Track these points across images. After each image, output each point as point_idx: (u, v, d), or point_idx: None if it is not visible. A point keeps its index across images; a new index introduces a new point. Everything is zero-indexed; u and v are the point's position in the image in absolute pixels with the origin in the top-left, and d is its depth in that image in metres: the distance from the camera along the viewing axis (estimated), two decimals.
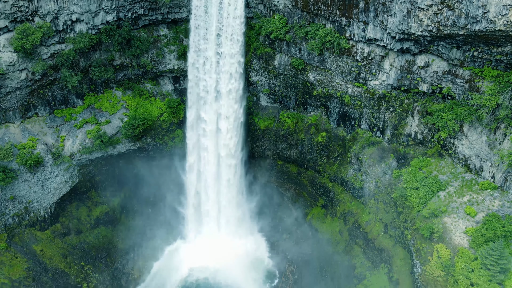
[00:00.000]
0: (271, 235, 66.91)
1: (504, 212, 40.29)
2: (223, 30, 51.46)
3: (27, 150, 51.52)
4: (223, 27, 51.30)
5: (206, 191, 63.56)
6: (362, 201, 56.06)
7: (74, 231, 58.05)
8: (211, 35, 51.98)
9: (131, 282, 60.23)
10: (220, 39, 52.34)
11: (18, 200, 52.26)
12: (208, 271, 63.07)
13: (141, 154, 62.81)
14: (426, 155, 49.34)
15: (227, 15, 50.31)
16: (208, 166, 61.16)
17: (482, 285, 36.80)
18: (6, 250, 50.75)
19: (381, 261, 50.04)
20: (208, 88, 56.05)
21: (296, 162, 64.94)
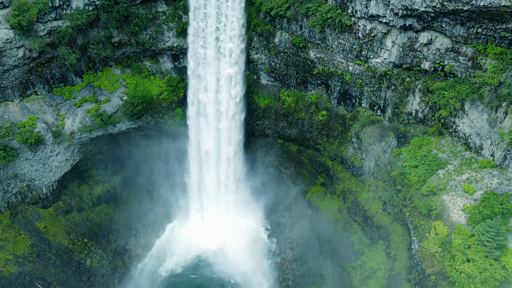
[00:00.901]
0: (271, 213, 67.73)
1: (502, 190, 40.62)
2: (223, 6, 50.47)
3: (27, 128, 51.50)
4: (222, 3, 50.32)
5: (207, 170, 63.95)
6: (362, 179, 56.47)
7: (76, 209, 58.80)
8: (211, 10, 50.95)
9: (133, 258, 61.39)
10: (220, 16, 51.41)
11: (20, 178, 52.67)
12: (208, 248, 64.16)
13: (141, 132, 62.85)
14: (426, 134, 49.36)
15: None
16: (209, 144, 61.31)
17: (478, 261, 37.48)
18: (10, 227, 51.50)
19: (379, 238, 50.84)
20: (209, 69, 55.55)
21: (296, 140, 65.03)
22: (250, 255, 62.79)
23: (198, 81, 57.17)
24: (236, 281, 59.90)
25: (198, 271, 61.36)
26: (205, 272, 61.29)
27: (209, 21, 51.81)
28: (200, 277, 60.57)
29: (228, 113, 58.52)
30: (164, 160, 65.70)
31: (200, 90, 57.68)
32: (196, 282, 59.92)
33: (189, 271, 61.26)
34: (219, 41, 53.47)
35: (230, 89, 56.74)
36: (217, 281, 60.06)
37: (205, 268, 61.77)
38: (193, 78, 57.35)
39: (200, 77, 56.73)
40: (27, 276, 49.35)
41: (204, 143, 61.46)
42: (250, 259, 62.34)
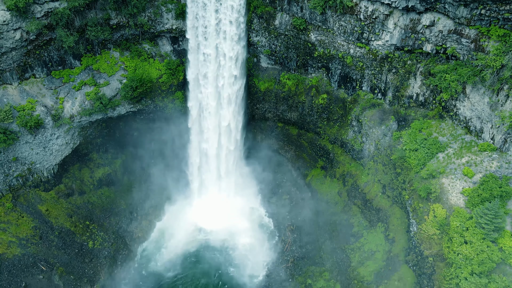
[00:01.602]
0: (271, 195, 68.19)
1: (502, 173, 40.78)
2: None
3: (26, 112, 51.33)
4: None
5: (207, 153, 64.07)
6: (361, 162, 56.64)
7: (77, 192, 59.18)
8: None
9: (135, 240, 62.12)
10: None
11: (20, 162, 52.82)
12: (209, 230, 64.85)
13: (141, 116, 62.66)
14: (426, 117, 49.25)
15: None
16: (209, 126, 61.24)
17: (475, 243, 37.94)
18: (12, 210, 51.94)
19: (378, 221, 51.34)
20: (209, 51, 54.98)
21: (296, 124, 64.93)
22: (250, 237, 63.51)
23: (198, 62, 56.71)
24: (236, 262, 60.76)
25: (198, 253, 62.19)
26: (206, 253, 62.11)
27: (207, 3, 51.04)
28: (200, 258, 61.40)
29: (229, 90, 58.06)
30: (165, 143, 65.75)
31: (200, 71, 57.21)
32: (196, 263, 60.75)
33: (189, 252, 62.08)
34: (219, 24, 52.73)
35: (231, 70, 56.25)
36: (218, 261, 60.91)
37: (206, 250, 62.57)
38: (193, 57, 56.94)
39: (199, 57, 56.24)
40: (30, 257, 50.03)
41: (205, 125, 61.41)
42: (250, 241, 63.08)
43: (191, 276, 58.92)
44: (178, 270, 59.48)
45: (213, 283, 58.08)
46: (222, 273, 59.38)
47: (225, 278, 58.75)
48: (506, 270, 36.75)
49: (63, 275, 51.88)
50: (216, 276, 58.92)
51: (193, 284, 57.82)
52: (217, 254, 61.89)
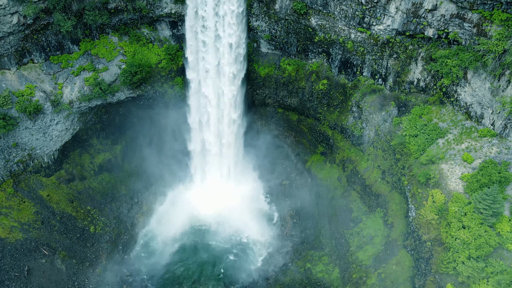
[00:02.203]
0: (271, 181, 68.53)
1: (501, 159, 40.87)
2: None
3: (25, 97, 51.14)
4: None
5: (207, 139, 64.08)
6: (361, 148, 56.73)
7: (78, 177, 59.43)
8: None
9: (135, 225, 62.68)
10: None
11: (21, 147, 52.88)
12: (209, 216, 65.35)
13: (141, 102, 62.44)
14: (427, 103, 49.10)
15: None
16: (209, 112, 61.07)
17: (473, 228, 38.27)
18: (13, 195, 52.25)
19: (377, 206, 51.71)
20: (208, 33, 54.34)
21: (297, 110, 64.77)
22: (251, 222, 64.08)
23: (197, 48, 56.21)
24: (236, 247, 61.44)
25: (199, 237, 62.82)
26: (206, 238, 62.76)
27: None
28: (200, 243, 62.05)
29: (229, 72, 57.57)
30: (165, 129, 65.72)
31: (199, 56, 56.71)
32: (196, 248, 61.44)
33: (190, 238, 62.73)
34: (218, 6, 52.06)
35: (231, 53, 55.71)
36: (218, 247, 61.59)
37: (206, 235, 63.21)
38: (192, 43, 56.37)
39: (199, 45, 55.72)
40: (33, 242, 50.58)
41: (205, 112, 61.23)
42: (250, 225, 63.67)
43: (191, 261, 59.66)
44: (179, 255, 60.20)
45: (213, 267, 58.84)
46: (221, 258, 60.13)
47: (225, 263, 59.51)
48: (503, 255, 37.17)
49: (65, 259, 52.55)
50: (216, 261, 59.66)
51: (193, 268, 58.59)
52: (217, 239, 62.52)
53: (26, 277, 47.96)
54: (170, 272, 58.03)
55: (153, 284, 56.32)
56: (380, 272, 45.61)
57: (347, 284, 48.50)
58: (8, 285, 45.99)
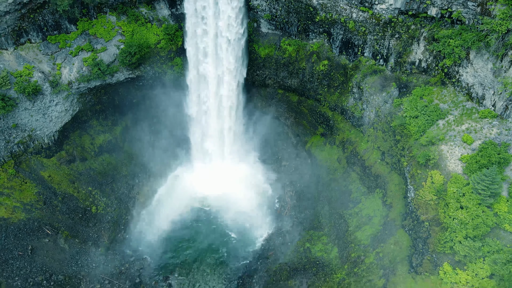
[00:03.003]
0: (271, 162, 68.81)
1: (501, 140, 40.91)
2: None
3: (24, 78, 50.76)
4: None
5: (207, 120, 63.96)
6: (361, 129, 56.71)
7: (79, 158, 59.64)
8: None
9: (137, 205, 63.29)
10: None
11: (21, 128, 52.84)
12: (210, 196, 65.90)
13: (140, 83, 62.03)
14: (428, 84, 48.79)
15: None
16: (209, 93, 60.75)
17: (471, 208, 38.68)
18: (15, 176, 52.55)
19: (376, 187, 52.08)
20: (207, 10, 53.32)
21: (297, 91, 64.42)
22: (251, 203, 64.66)
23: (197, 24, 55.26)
24: (236, 227, 62.20)
25: (199, 218, 63.53)
26: (207, 219, 63.47)
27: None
28: (201, 224, 62.79)
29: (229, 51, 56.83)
30: (165, 111, 65.51)
31: (198, 33, 55.86)
32: (197, 228, 62.21)
33: (191, 218, 63.45)
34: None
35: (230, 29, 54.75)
36: (218, 227, 62.36)
37: (206, 215, 63.90)
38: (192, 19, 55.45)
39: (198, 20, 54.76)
40: (35, 222, 51.18)
41: (205, 92, 60.85)
42: (250, 206, 64.28)
43: (192, 241, 60.50)
44: (179, 236, 61.01)
45: (214, 248, 59.71)
46: (222, 238, 60.95)
47: (225, 243, 60.36)
48: (500, 234, 37.71)
49: (68, 239, 53.32)
50: (216, 241, 60.48)
51: (193, 249, 59.45)
52: (218, 220, 63.24)
53: (30, 256, 48.77)
54: (171, 251, 58.93)
55: (154, 264, 57.28)
56: (378, 251, 46.35)
57: (345, 263, 49.35)
58: (12, 263, 46.81)
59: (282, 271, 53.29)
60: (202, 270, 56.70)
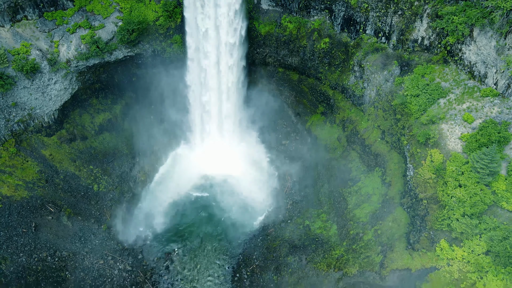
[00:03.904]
0: (271, 141, 68.92)
1: (502, 119, 40.86)
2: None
3: (21, 55, 50.22)
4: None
5: (207, 98, 63.62)
6: (362, 108, 56.55)
7: (79, 137, 59.73)
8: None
9: (138, 184, 63.84)
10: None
11: (20, 107, 52.69)
12: (210, 175, 66.36)
13: (139, 61, 61.41)
14: (430, 62, 48.29)
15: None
16: (209, 71, 60.20)
17: (469, 186, 39.04)
18: (16, 154, 52.79)
19: (376, 165, 52.39)
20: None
21: (297, 69, 63.84)
22: (251, 181, 65.18)
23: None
24: (237, 206, 62.93)
25: (200, 196, 64.18)
26: (207, 197, 64.14)
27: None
28: (202, 202, 63.50)
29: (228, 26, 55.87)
30: (164, 89, 65.13)
31: (197, 7, 54.77)
32: (198, 207, 62.95)
33: (191, 196, 64.09)
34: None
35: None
36: (219, 205, 63.10)
37: (207, 194, 64.53)
38: None
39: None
40: (38, 200, 51.77)
41: (205, 70, 60.28)
42: (251, 184, 64.82)
43: (193, 218, 61.32)
44: (180, 214, 61.79)
45: (214, 225, 60.59)
46: (223, 216, 61.76)
47: (226, 220, 61.20)
48: (497, 212, 38.20)
49: (71, 216, 54.07)
50: (217, 219, 61.31)
51: (194, 226, 60.34)
52: (218, 198, 63.89)
53: (34, 233, 49.58)
54: (172, 229, 59.84)
55: (156, 241, 58.27)
56: (377, 228, 47.09)
57: (344, 240, 50.22)
58: (16, 240, 47.65)
59: (282, 247, 54.32)
60: (203, 247, 57.74)
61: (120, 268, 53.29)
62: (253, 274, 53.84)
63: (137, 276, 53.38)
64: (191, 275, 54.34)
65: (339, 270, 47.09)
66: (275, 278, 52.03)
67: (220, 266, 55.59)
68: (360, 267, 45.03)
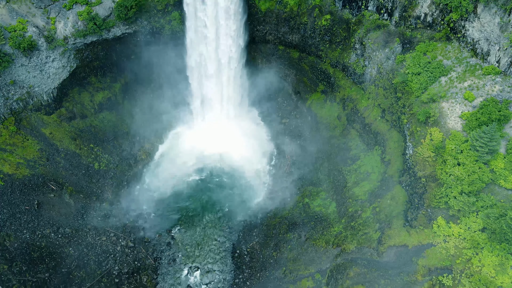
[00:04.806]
0: (271, 119, 68.84)
1: (503, 97, 40.66)
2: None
3: (18, 33, 49.50)
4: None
5: (207, 77, 63.11)
6: (362, 87, 56.18)
7: (79, 116, 59.60)
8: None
9: (139, 162, 64.17)
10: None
11: (19, 85, 52.35)
12: (211, 153, 66.59)
13: (137, 38, 60.54)
14: (433, 39, 47.64)
15: None
16: (208, 49, 59.45)
17: (468, 165, 39.25)
18: (16, 133, 52.82)
19: (375, 144, 52.50)
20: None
21: (298, 47, 63.04)
22: (251, 159, 65.51)
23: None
24: (237, 183, 63.46)
25: (201, 173, 64.64)
26: (208, 175, 64.59)
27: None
28: (202, 180, 63.98)
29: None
30: (163, 66, 64.50)
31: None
32: (199, 184, 63.47)
33: (192, 174, 64.54)
34: None
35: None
36: (219, 184, 63.62)
37: (207, 171, 64.96)
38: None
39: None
40: (40, 178, 52.15)
41: (205, 48, 59.53)
42: (251, 163, 65.18)
43: (193, 196, 61.93)
44: (181, 192, 62.37)
45: (215, 203, 61.26)
46: (223, 193, 62.37)
47: (226, 198, 61.84)
48: (494, 190, 38.56)
49: (73, 194, 54.61)
50: (217, 197, 61.93)
51: (195, 204, 61.02)
52: (218, 176, 64.35)
53: (37, 210, 50.18)
54: (173, 206, 60.55)
55: (157, 218, 59.07)
56: (375, 206, 47.64)
57: (343, 218, 50.89)
58: (20, 217, 48.28)
59: (281, 225, 55.14)
60: (204, 224, 58.59)
61: (123, 244, 54.27)
62: (253, 251, 54.86)
63: (139, 252, 54.43)
64: (192, 251, 55.39)
65: (337, 247, 47.93)
66: (275, 254, 53.04)
67: (220, 242, 56.58)
68: (358, 244, 45.83)
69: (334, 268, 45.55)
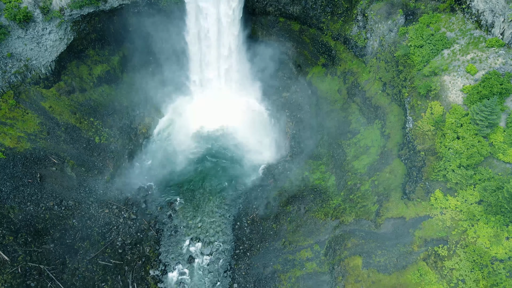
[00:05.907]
0: (271, 92, 68.43)
1: (505, 70, 40.25)
2: None
3: (13, 3, 48.41)
4: None
5: (206, 49, 62.18)
6: (364, 60, 55.49)
7: (78, 89, 59.20)
8: None
9: (139, 136, 64.28)
10: None
11: (16, 58, 51.72)
12: (210, 127, 66.65)
13: (135, 9, 59.29)
14: (437, 11, 46.64)
15: None
16: (208, 20, 58.27)
17: (467, 138, 39.36)
18: (15, 106, 52.63)
19: (375, 118, 52.43)
20: None
21: (299, 19, 61.81)
22: (252, 133, 65.59)
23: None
24: (237, 157, 63.82)
25: (201, 147, 64.88)
26: (208, 149, 64.87)
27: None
28: (203, 154, 64.30)
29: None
30: (163, 39, 63.49)
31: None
32: (200, 158, 63.84)
33: (193, 147, 64.80)
34: None
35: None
36: (220, 157, 64.00)
37: (208, 144, 65.20)
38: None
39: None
40: (41, 151, 52.41)
41: (204, 19, 58.34)
42: (251, 137, 65.31)
43: (194, 169, 62.41)
44: (182, 165, 62.80)
45: (215, 176, 61.84)
46: (223, 166, 62.84)
47: (226, 171, 62.36)
48: (493, 163, 38.84)
49: (74, 167, 55.06)
50: (218, 171, 62.43)
51: (196, 177, 61.58)
52: (218, 149, 64.64)
53: (39, 183, 50.74)
54: (174, 180, 61.15)
55: (158, 191, 59.79)
56: (374, 179, 48.14)
57: (342, 190, 51.55)
58: (23, 190, 48.90)
59: (281, 197, 55.91)
60: (205, 196, 59.36)
61: (125, 216, 55.23)
62: (253, 223, 55.89)
63: (141, 224, 55.47)
64: (193, 223, 56.45)
65: (336, 219, 48.82)
66: (274, 226, 54.09)
67: (221, 215, 57.55)
68: (356, 216, 46.64)
69: (332, 240, 46.57)
